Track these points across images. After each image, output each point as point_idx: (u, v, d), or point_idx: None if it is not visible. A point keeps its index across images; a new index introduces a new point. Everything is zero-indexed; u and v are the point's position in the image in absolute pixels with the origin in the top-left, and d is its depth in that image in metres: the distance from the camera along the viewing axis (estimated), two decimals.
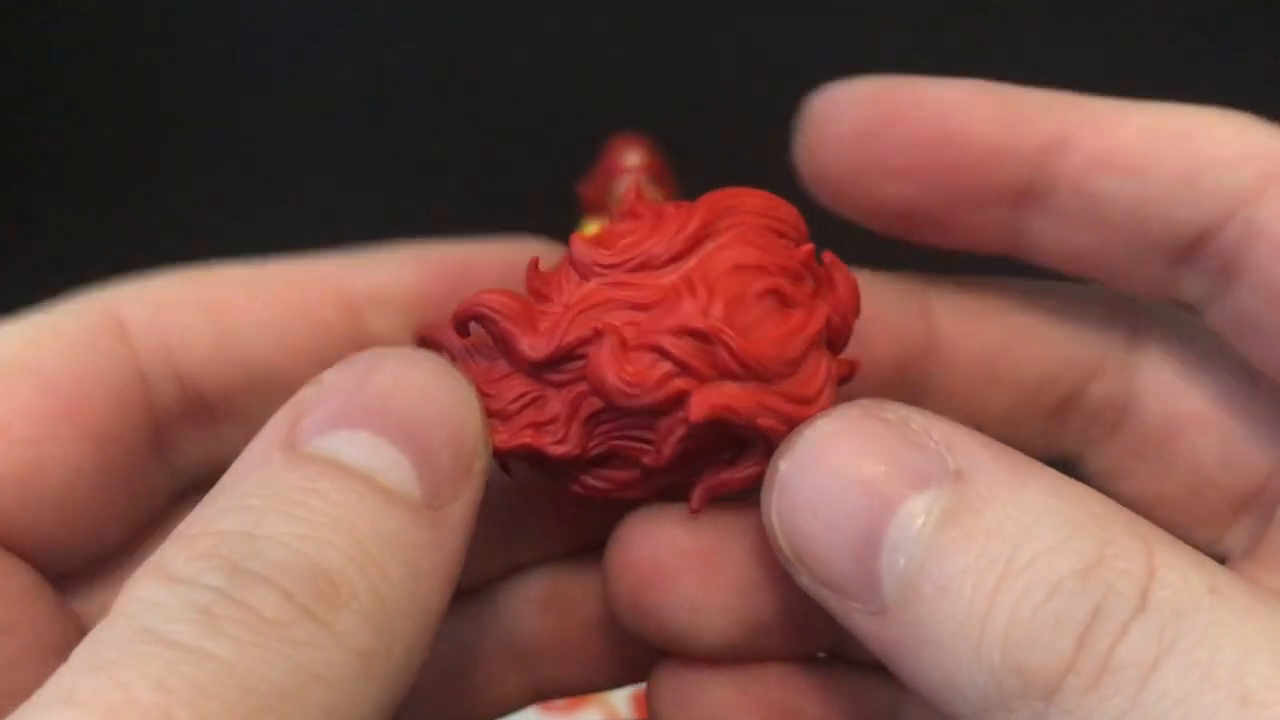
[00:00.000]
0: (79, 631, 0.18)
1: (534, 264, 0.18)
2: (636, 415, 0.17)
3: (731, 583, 0.19)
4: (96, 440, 0.18)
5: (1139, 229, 0.19)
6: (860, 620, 0.16)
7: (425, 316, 0.19)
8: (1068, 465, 0.22)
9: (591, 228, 0.52)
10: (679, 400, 0.17)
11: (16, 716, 0.13)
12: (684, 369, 0.17)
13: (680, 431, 0.17)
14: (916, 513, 0.16)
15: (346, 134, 0.59)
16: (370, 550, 0.15)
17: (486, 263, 0.20)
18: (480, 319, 0.18)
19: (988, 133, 0.19)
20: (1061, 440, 0.22)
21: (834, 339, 0.18)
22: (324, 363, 0.18)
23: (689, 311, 0.17)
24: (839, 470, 0.16)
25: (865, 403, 0.17)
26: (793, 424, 0.17)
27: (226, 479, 0.16)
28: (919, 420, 0.17)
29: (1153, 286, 0.20)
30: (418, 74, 0.59)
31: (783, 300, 0.18)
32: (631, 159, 0.49)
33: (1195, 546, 0.16)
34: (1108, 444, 0.22)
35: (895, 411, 0.17)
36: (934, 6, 0.58)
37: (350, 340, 0.19)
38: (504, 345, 0.18)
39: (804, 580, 0.17)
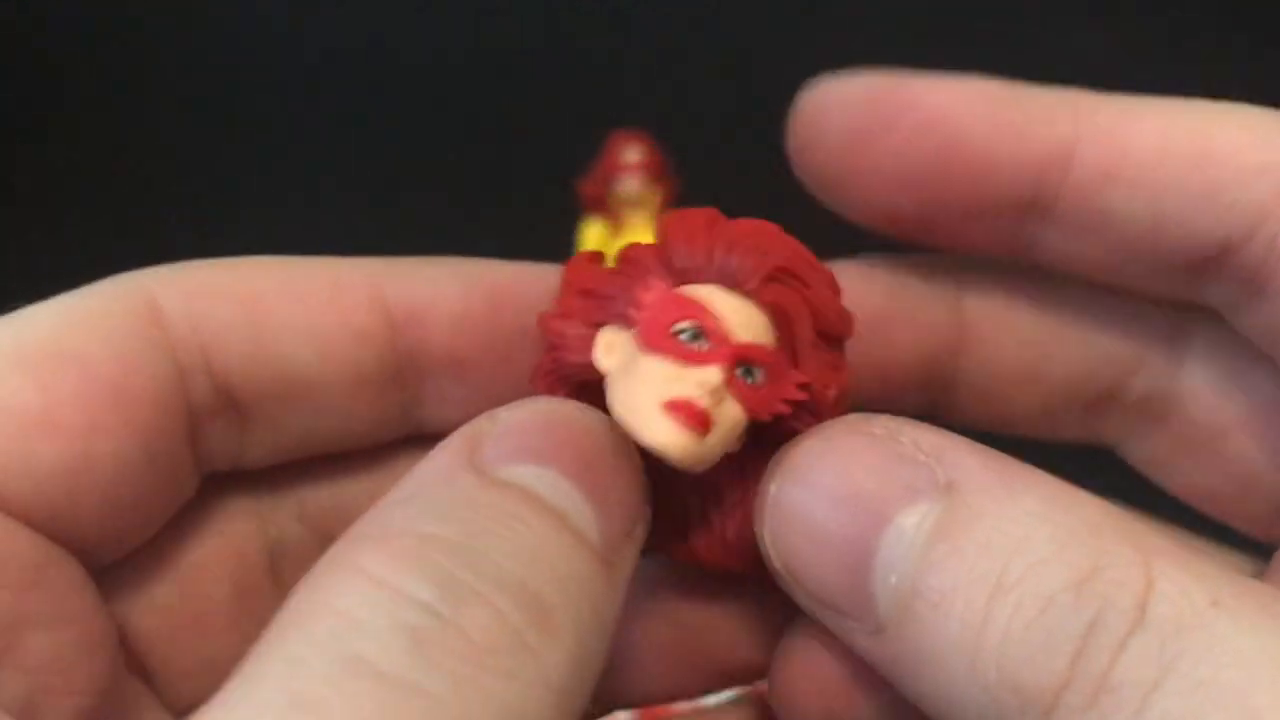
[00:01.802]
0: (115, 624, 0.17)
1: None
2: None
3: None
4: (141, 432, 0.17)
5: (1154, 243, 0.18)
6: (860, 639, 0.16)
7: (464, 336, 0.19)
8: (1105, 455, 0.22)
9: (592, 225, 0.52)
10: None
11: None
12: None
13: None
14: (906, 529, 0.15)
15: (346, 133, 0.59)
16: (571, 587, 0.14)
17: (528, 287, 0.19)
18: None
19: (986, 142, 0.18)
20: (1100, 431, 0.22)
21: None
22: (360, 371, 0.18)
23: None
24: (827, 488, 0.16)
25: (854, 417, 0.17)
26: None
27: (407, 489, 0.15)
28: (909, 433, 0.16)
29: (1175, 294, 0.19)
30: (417, 73, 0.59)
31: None
32: (631, 156, 0.49)
33: (1246, 543, 0.15)
34: (1153, 437, 0.21)
35: (884, 425, 0.16)
36: (939, 5, 0.58)
37: (387, 351, 0.18)
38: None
39: (800, 599, 0.17)
